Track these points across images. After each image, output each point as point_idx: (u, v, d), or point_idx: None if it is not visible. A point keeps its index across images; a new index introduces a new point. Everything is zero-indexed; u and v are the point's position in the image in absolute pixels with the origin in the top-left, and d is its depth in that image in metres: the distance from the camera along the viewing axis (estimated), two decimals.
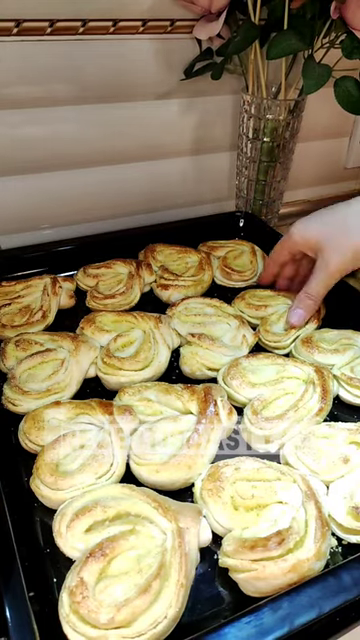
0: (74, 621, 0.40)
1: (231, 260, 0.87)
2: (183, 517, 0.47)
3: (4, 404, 0.62)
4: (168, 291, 0.80)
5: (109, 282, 0.81)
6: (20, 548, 0.46)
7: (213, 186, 1.03)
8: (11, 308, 0.75)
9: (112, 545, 0.44)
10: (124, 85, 0.84)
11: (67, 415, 0.58)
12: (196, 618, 0.45)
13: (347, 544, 0.50)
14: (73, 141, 0.85)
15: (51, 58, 0.76)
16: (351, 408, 0.65)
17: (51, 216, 0.90)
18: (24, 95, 0.77)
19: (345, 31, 0.76)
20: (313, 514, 0.48)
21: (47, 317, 0.74)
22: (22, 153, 0.82)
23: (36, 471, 0.53)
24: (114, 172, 0.91)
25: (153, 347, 0.68)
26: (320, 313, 0.76)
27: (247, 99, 0.88)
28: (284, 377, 0.63)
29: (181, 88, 0.88)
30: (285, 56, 0.79)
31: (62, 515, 0.48)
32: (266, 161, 0.92)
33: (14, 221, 0.87)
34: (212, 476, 0.52)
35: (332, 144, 1.14)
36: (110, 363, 0.65)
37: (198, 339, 0.69)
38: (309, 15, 0.77)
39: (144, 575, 0.42)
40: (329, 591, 0.42)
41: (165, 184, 0.97)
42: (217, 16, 0.78)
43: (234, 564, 0.45)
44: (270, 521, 0.48)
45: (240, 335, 0.71)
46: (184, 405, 0.59)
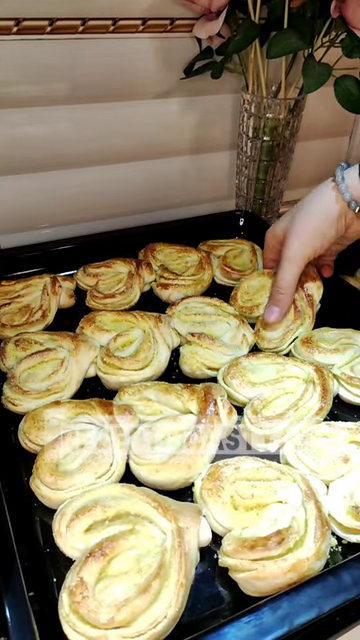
0: (74, 621, 0.40)
1: (231, 259, 0.87)
2: (183, 517, 0.47)
3: (4, 404, 0.62)
4: (168, 290, 0.80)
5: (109, 281, 0.81)
6: (20, 548, 0.46)
7: (213, 185, 1.03)
8: (11, 307, 0.75)
9: (112, 545, 0.44)
10: (124, 84, 0.83)
11: (67, 415, 0.58)
12: (196, 618, 0.45)
13: (347, 543, 0.50)
14: (73, 140, 0.84)
15: (51, 57, 0.76)
16: (351, 407, 0.65)
17: (50, 215, 0.90)
18: (23, 94, 0.77)
19: (345, 30, 0.76)
20: (313, 513, 0.48)
21: (47, 316, 0.74)
22: (21, 152, 0.82)
23: (36, 471, 0.53)
24: (114, 171, 0.91)
25: (153, 346, 0.68)
26: (313, 308, 0.75)
27: (247, 98, 0.88)
28: (284, 376, 0.63)
29: (181, 87, 0.88)
30: (285, 55, 0.79)
31: (62, 515, 0.48)
32: (266, 160, 0.92)
33: (13, 220, 0.87)
34: (212, 476, 0.52)
35: (332, 143, 1.14)
36: (110, 363, 0.65)
37: (198, 338, 0.69)
38: (309, 14, 0.77)
39: (144, 575, 0.42)
40: (329, 591, 0.42)
41: (165, 183, 0.97)
42: (217, 15, 0.77)
43: (234, 564, 0.45)
44: (270, 521, 0.48)
45: (240, 334, 0.71)
46: (184, 405, 0.59)
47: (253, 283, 0.81)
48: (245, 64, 0.87)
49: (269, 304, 0.73)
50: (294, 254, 0.70)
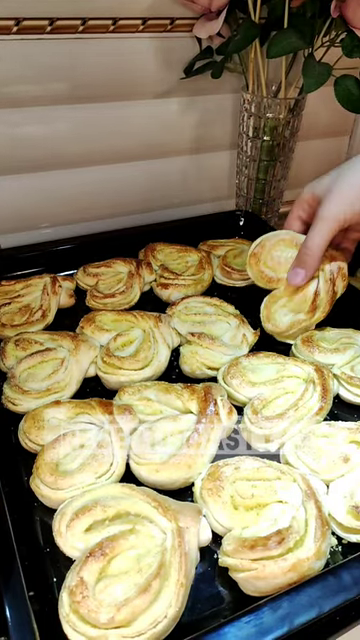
0: (74, 621, 0.40)
1: (231, 259, 0.87)
2: (183, 516, 0.47)
3: (4, 403, 0.62)
4: (168, 290, 0.80)
5: (109, 281, 0.81)
6: (20, 547, 0.46)
7: (213, 185, 1.03)
8: (11, 307, 0.75)
9: (112, 545, 0.44)
10: (124, 84, 0.83)
11: (67, 414, 0.58)
12: (196, 617, 0.45)
13: (347, 543, 0.50)
14: (73, 140, 0.84)
15: (51, 57, 0.76)
16: (351, 407, 0.65)
17: (50, 215, 0.90)
18: (23, 94, 0.77)
19: (345, 30, 0.76)
20: (313, 513, 0.48)
21: (47, 316, 0.74)
22: (21, 152, 0.82)
23: (36, 470, 0.53)
24: (114, 171, 0.91)
25: (153, 346, 0.68)
26: (332, 300, 0.72)
27: (247, 98, 0.88)
28: (284, 376, 0.63)
29: (181, 87, 0.88)
30: (285, 55, 0.79)
31: (62, 514, 0.48)
32: (266, 160, 0.92)
33: (13, 220, 0.87)
34: (212, 475, 0.52)
35: (332, 143, 1.14)
36: (110, 362, 0.65)
37: (198, 338, 0.69)
38: (309, 14, 0.77)
39: (144, 575, 0.42)
40: (329, 590, 0.42)
41: (165, 183, 0.97)
42: (217, 15, 0.77)
43: (234, 563, 0.45)
44: (270, 520, 0.48)
45: (240, 334, 0.71)
46: (184, 404, 0.59)
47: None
48: (245, 64, 0.87)
49: (294, 265, 0.69)
50: (329, 213, 0.65)
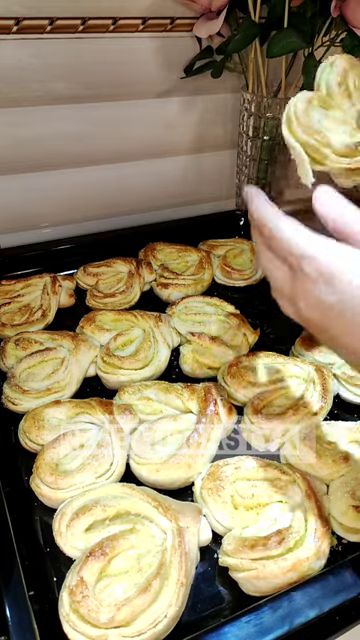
0: (74, 620, 0.41)
1: (231, 259, 0.87)
2: (183, 516, 0.47)
3: (4, 403, 0.62)
4: (168, 290, 0.80)
5: (109, 281, 0.81)
6: (20, 547, 0.46)
7: (213, 184, 1.03)
8: (11, 307, 0.75)
9: (112, 544, 0.44)
10: (124, 83, 0.83)
11: (67, 414, 0.58)
12: (196, 617, 0.45)
13: (347, 543, 0.50)
14: (72, 140, 0.84)
15: (51, 57, 0.76)
16: (351, 407, 0.65)
17: (50, 215, 0.90)
18: (23, 94, 0.77)
19: (345, 29, 0.76)
20: (313, 513, 0.48)
21: (47, 316, 0.74)
22: (21, 152, 0.82)
23: (36, 470, 0.53)
24: (114, 171, 0.91)
25: (153, 346, 0.68)
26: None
27: (247, 97, 0.88)
28: (284, 376, 0.63)
29: (181, 86, 0.88)
30: (285, 54, 0.79)
31: (62, 514, 0.48)
32: (266, 159, 0.92)
33: (13, 220, 0.87)
34: (212, 475, 0.52)
35: None
36: (110, 362, 0.65)
37: (198, 338, 0.69)
38: (309, 13, 0.77)
39: (144, 574, 0.42)
40: (329, 590, 0.42)
41: (165, 183, 0.97)
42: (217, 14, 0.77)
43: (234, 563, 0.45)
44: (270, 520, 0.48)
45: (240, 334, 0.71)
46: (184, 404, 0.59)
47: None
48: (245, 63, 0.87)
49: None
50: None
